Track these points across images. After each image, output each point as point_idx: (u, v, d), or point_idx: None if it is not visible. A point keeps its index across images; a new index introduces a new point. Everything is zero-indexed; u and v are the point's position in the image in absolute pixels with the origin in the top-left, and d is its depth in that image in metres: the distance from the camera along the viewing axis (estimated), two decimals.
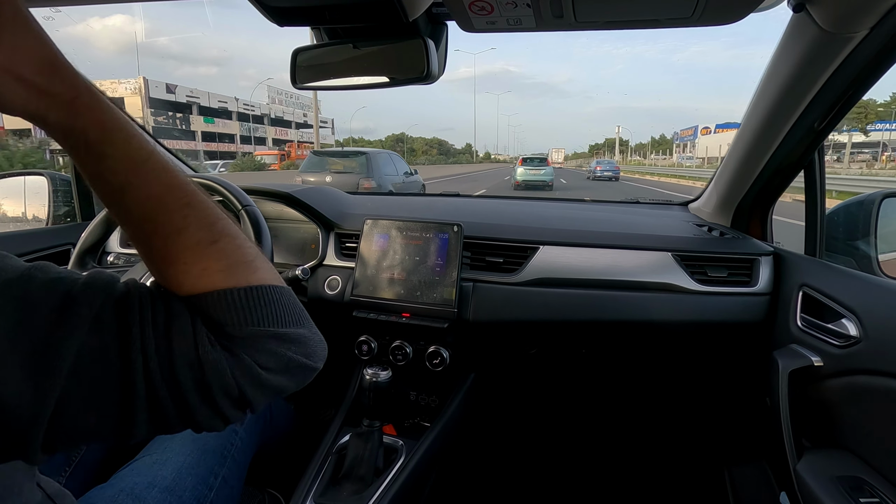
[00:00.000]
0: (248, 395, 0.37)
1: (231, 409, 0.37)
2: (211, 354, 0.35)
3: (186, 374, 0.34)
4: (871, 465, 0.74)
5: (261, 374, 0.37)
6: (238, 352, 0.36)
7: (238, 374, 0.36)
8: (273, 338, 0.38)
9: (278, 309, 0.39)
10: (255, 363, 0.37)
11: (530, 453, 1.48)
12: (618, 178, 24.22)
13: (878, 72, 0.74)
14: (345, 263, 1.14)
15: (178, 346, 0.34)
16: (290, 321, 0.40)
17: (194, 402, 0.34)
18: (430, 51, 0.70)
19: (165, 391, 0.33)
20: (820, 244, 1.00)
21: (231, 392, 0.36)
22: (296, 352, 0.39)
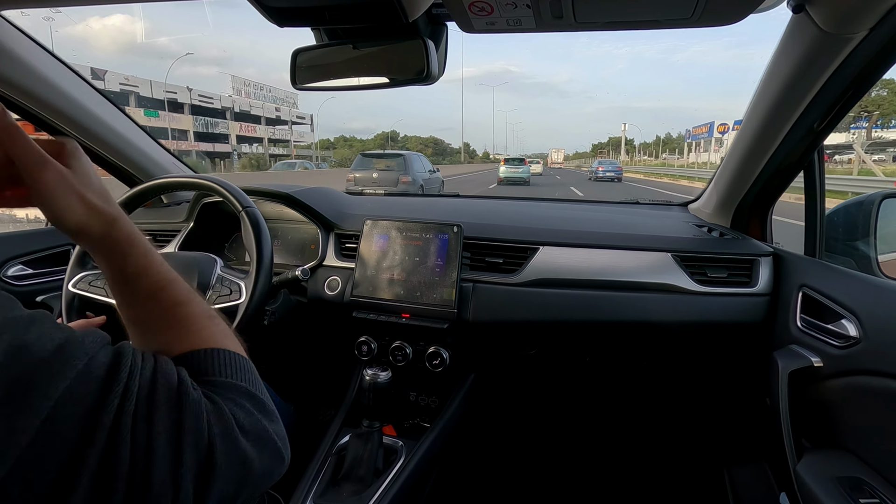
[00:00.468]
0: (217, 454, 0.34)
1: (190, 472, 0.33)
2: (192, 394, 0.35)
3: (163, 410, 0.33)
4: (870, 466, 0.74)
5: (235, 430, 0.36)
6: (216, 399, 0.37)
7: (213, 420, 0.35)
8: (250, 398, 0.40)
9: (256, 379, 0.43)
10: (233, 416, 0.37)
11: (530, 454, 1.48)
12: (620, 178, 23.47)
13: (878, 72, 0.74)
14: (344, 264, 1.14)
15: (161, 385, 0.34)
16: (264, 393, 0.43)
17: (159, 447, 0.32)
18: (430, 51, 0.70)
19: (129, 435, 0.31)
20: (819, 245, 1.00)
21: (201, 440, 0.34)
22: (272, 428, 0.41)
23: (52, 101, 1.06)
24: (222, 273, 0.94)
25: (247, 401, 0.40)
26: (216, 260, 0.97)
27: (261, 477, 0.40)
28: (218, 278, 0.93)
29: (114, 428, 0.31)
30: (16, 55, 0.96)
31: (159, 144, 1.42)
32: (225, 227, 1.27)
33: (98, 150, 1.22)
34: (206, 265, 0.94)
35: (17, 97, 1.02)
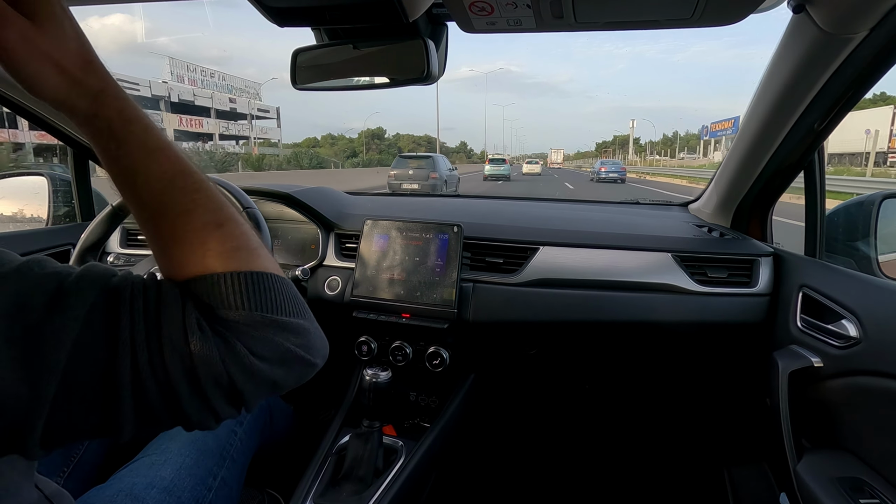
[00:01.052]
0: (240, 385, 0.35)
1: (222, 403, 0.35)
2: (200, 340, 0.34)
3: (175, 362, 0.33)
4: (870, 466, 0.74)
5: (254, 364, 0.35)
6: (231, 338, 0.35)
7: (229, 363, 0.34)
8: (270, 325, 0.37)
9: (278, 297, 0.38)
10: (249, 351, 0.35)
11: (530, 454, 1.48)
12: (624, 179, 22.67)
13: (878, 73, 0.74)
14: (345, 264, 1.14)
15: (168, 333, 0.33)
16: (289, 311, 0.39)
17: (183, 393, 0.33)
18: (431, 51, 0.70)
19: (153, 381, 0.33)
20: (820, 245, 1.00)
21: (221, 381, 0.34)
22: (294, 343, 0.38)
23: None
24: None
25: (265, 329, 0.37)
26: None
27: (295, 382, 0.40)
28: None
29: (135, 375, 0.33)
30: None
31: None
32: None
33: None
34: None
35: (18, 97, 1.02)
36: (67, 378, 0.31)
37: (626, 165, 31.21)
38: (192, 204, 0.37)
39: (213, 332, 0.35)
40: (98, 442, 0.88)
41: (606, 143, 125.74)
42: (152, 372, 0.33)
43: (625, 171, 24.14)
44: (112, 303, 0.33)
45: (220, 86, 38.01)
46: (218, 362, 0.34)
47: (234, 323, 0.36)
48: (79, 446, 0.84)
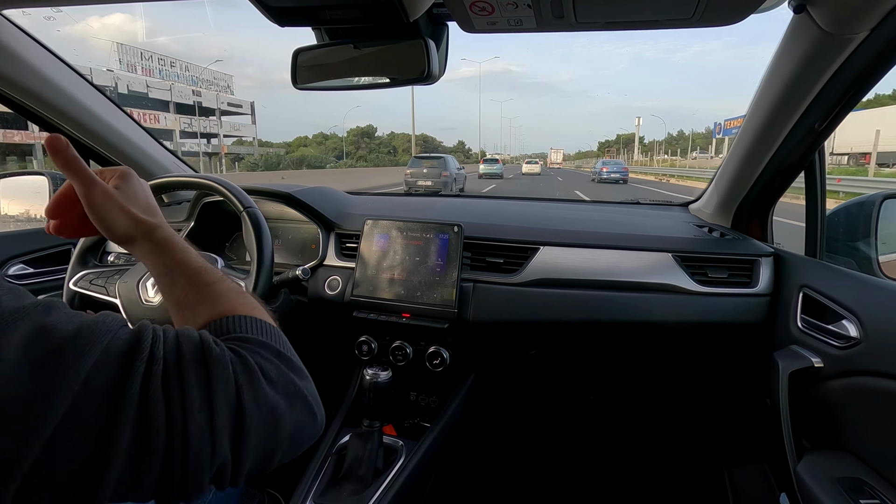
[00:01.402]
0: (244, 398, 0.35)
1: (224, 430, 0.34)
2: (215, 350, 0.36)
3: (191, 367, 0.34)
4: (871, 467, 0.74)
5: (261, 380, 0.37)
6: (242, 352, 0.38)
7: (239, 370, 0.36)
8: (278, 356, 0.41)
9: (284, 342, 0.45)
10: (260, 369, 0.37)
11: (530, 454, 1.48)
12: (626, 180, 21.83)
13: (879, 73, 0.74)
14: (345, 264, 1.14)
15: (186, 347, 0.35)
16: (293, 354, 0.44)
17: (192, 404, 0.33)
18: (431, 51, 0.70)
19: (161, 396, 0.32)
20: (820, 245, 1.00)
21: (229, 391, 0.34)
22: (301, 384, 0.41)
23: (53, 100, 1.06)
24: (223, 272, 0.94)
25: (274, 356, 0.40)
26: (217, 259, 0.97)
27: (293, 433, 0.39)
28: None
29: (143, 394, 0.31)
30: (17, 54, 0.96)
31: (160, 143, 1.42)
32: (226, 226, 1.27)
33: (98, 148, 1.22)
34: None
35: (19, 96, 1.02)
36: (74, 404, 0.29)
37: (632, 165, 30.62)
38: (221, 278, 0.49)
39: (228, 347, 0.38)
40: None
41: (609, 142, 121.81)
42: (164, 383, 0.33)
43: (627, 171, 23.45)
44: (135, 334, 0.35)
45: (183, 77, 33.23)
46: (229, 367, 0.35)
47: (246, 343, 0.40)
48: None
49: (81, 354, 0.30)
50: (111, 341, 0.32)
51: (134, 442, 0.30)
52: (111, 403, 0.30)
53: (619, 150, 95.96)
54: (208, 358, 0.35)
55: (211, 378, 0.34)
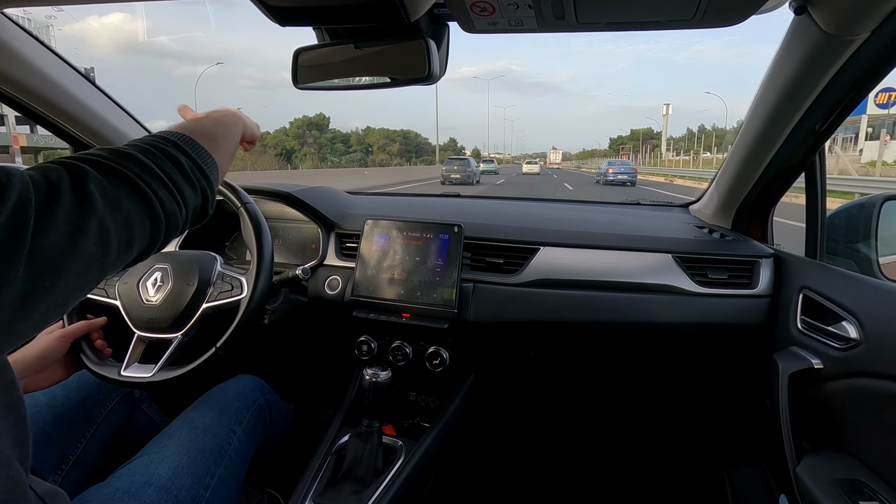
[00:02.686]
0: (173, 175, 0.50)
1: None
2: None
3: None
4: (871, 468, 0.74)
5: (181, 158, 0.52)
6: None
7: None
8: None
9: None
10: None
11: (530, 454, 1.48)
12: (634, 182, 19.56)
13: (880, 74, 0.74)
14: (345, 263, 1.14)
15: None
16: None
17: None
18: (432, 51, 0.70)
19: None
20: (820, 246, 1.00)
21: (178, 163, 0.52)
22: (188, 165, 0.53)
23: (53, 98, 1.06)
24: (223, 270, 0.94)
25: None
26: (216, 258, 0.97)
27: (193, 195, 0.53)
28: (219, 275, 0.93)
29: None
30: (17, 53, 0.96)
31: None
32: (225, 226, 1.27)
33: None
34: (206, 263, 0.95)
35: (19, 95, 1.02)
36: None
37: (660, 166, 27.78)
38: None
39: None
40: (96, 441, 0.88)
41: (623, 138, 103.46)
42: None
43: (635, 171, 20.96)
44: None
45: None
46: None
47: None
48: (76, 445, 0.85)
49: None
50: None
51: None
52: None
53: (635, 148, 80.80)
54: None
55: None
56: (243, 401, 0.91)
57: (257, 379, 1.00)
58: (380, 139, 71.90)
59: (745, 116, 0.99)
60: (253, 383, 0.98)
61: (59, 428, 0.83)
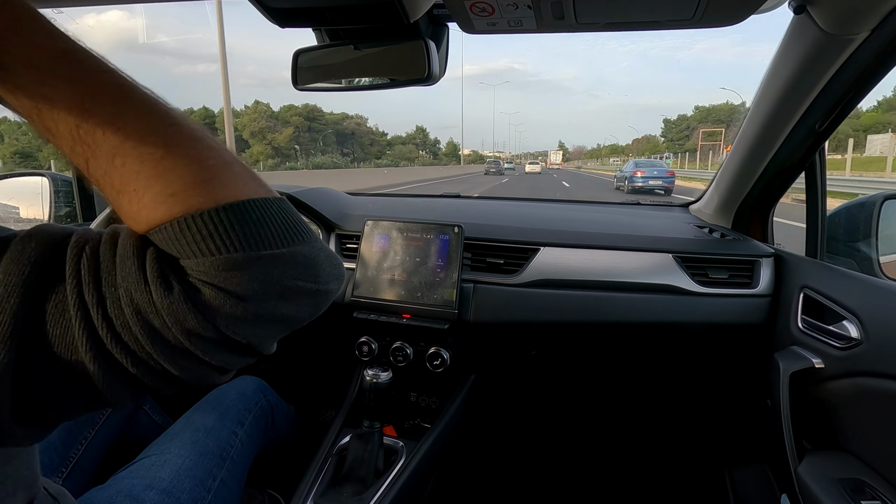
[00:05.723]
0: (234, 333, 0.31)
1: (222, 354, 0.31)
2: (166, 295, 0.28)
3: (136, 321, 0.28)
4: (872, 468, 0.74)
5: (244, 307, 0.30)
6: (206, 286, 0.30)
7: (209, 313, 0.30)
8: (255, 262, 0.30)
9: (263, 227, 0.31)
10: (235, 296, 0.30)
11: (531, 454, 1.48)
12: (671, 189, 14.14)
13: (879, 74, 0.74)
14: (345, 264, 1.14)
15: (126, 292, 0.28)
16: (280, 239, 0.32)
17: (159, 354, 0.29)
18: (431, 52, 0.70)
19: (116, 346, 0.28)
20: (821, 246, 1.00)
21: (206, 333, 0.30)
22: (292, 276, 0.32)
23: None
24: None
25: (251, 269, 0.30)
26: None
27: (309, 315, 0.36)
28: None
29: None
30: None
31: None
32: None
33: None
34: None
35: None
36: (23, 348, 0.27)
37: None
38: (121, 136, 0.29)
39: (183, 283, 0.29)
40: (97, 442, 0.88)
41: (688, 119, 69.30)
42: (112, 336, 0.28)
43: (673, 175, 15.22)
44: (54, 265, 0.28)
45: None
46: (192, 314, 0.29)
47: (209, 270, 0.29)
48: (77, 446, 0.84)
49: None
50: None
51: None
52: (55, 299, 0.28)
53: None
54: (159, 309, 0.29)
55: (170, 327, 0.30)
56: (245, 402, 0.91)
57: (259, 380, 1.00)
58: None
59: (746, 116, 0.99)
60: (255, 384, 0.98)
61: (61, 429, 0.83)
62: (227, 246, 0.30)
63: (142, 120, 0.30)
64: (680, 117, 75.55)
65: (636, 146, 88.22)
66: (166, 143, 0.30)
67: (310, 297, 0.35)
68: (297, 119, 51.83)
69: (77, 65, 0.29)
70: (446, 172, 33.70)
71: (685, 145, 57.94)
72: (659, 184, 14.28)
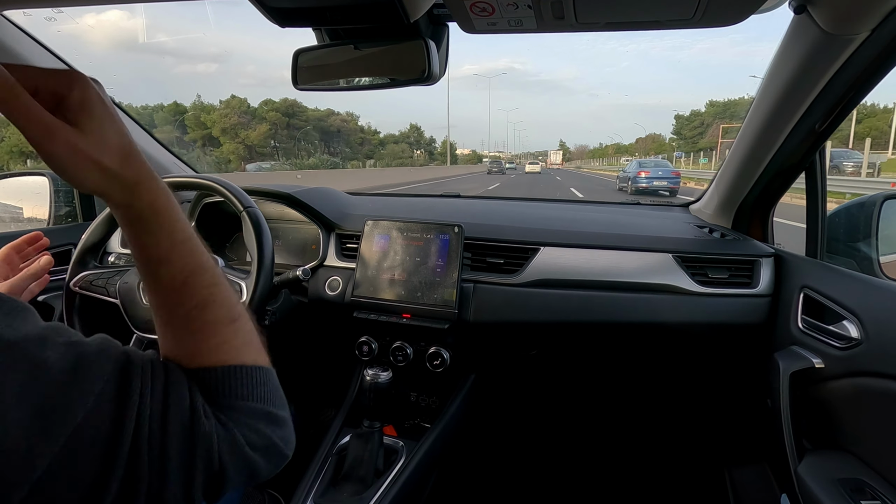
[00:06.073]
0: (228, 472, 0.36)
1: (200, 489, 0.35)
2: (204, 425, 0.35)
3: (176, 444, 0.34)
4: (872, 468, 0.74)
5: (247, 453, 0.37)
6: (230, 426, 0.37)
7: (224, 449, 0.36)
8: (264, 417, 0.40)
9: (271, 390, 0.42)
10: (245, 440, 0.37)
11: (531, 454, 1.48)
12: (676, 190, 13.31)
13: (880, 73, 0.74)
14: (345, 264, 1.14)
15: (175, 414, 0.34)
16: (278, 403, 0.42)
17: (172, 472, 0.33)
18: (431, 52, 0.70)
19: (146, 457, 0.32)
20: (821, 246, 1.00)
21: (212, 466, 0.35)
22: (278, 435, 0.41)
23: None
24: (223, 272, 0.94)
25: (260, 420, 0.39)
26: (217, 259, 0.97)
27: (268, 474, 0.41)
28: None
29: (132, 452, 0.32)
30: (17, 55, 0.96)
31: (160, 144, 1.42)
32: (226, 227, 1.27)
33: None
34: None
35: None
36: (66, 449, 0.29)
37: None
38: (210, 298, 0.40)
39: (216, 418, 0.36)
40: None
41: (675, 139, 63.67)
42: (149, 448, 0.32)
43: (678, 176, 14.26)
44: (125, 380, 0.33)
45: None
46: (215, 447, 0.35)
47: (237, 412, 0.38)
48: None
49: (71, 404, 0.30)
50: (104, 388, 0.32)
51: (119, 497, 0.31)
52: (99, 457, 0.31)
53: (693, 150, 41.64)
54: (196, 435, 0.34)
55: (195, 453, 0.34)
56: None
57: None
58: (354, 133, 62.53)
59: (746, 116, 0.99)
60: None
61: None
62: (254, 397, 0.39)
63: (226, 293, 0.42)
64: (693, 113, 71.03)
65: (641, 145, 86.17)
66: (238, 312, 0.42)
67: (278, 460, 0.41)
68: (274, 115, 49.14)
69: (197, 246, 0.41)
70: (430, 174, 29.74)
71: (699, 143, 54.54)
72: (664, 184, 13.65)
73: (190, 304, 0.39)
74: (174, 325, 0.40)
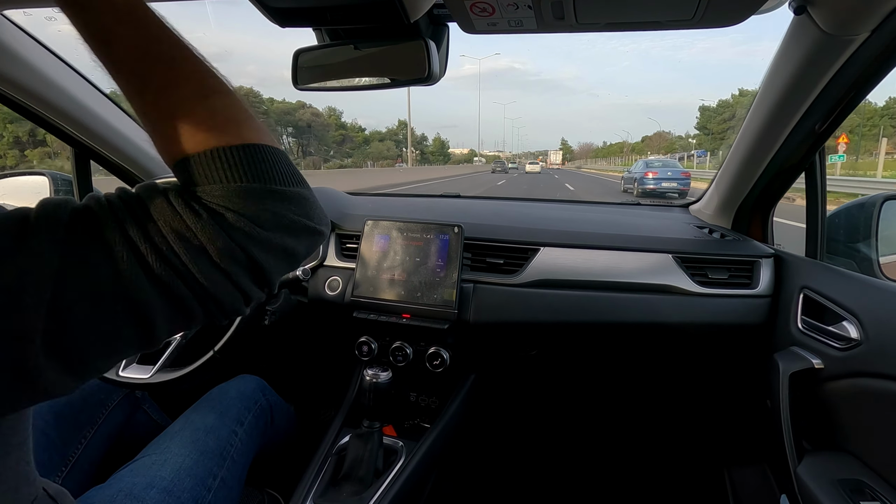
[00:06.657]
0: (256, 256, 0.36)
1: (246, 280, 0.36)
2: (197, 222, 0.34)
3: (179, 244, 0.33)
4: (871, 468, 0.74)
5: (260, 232, 0.36)
6: (229, 213, 0.35)
7: (236, 236, 0.35)
8: (268, 195, 0.37)
9: (273, 167, 0.38)
10: (252, 221, 0.35)
11: (531, 454, 1.48)
12: (686, 192, 12.23)
13: (880, 74, 0.74)
14: (345, 264, 1.14)
15: (164, 225, 0.33)
16: (286, 180, 0.38)
17: (199, 272, 0.34)
18: (432, 52, 0.70)
19: (172, 276, 0.33)
20: (821, 246, 1.00)
21: (236, 255, 0.35)
22: (295, 212, 0.38)
23: (53, 100, 1.06)
24: None
25: (264, 199, 0.36)
26: None
27: (306, 251, 0.41)
28: None
29: (158, 286, 0.33)
30: (17, 55, 0.96)
31: None
32: None
33: (99, 148, 1.22)
34: None
35: (20, 97, 1.02)
36: (60, 305, 0.30)
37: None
38: (173, 75, 0.35)
39: (208, 210, 0.34)
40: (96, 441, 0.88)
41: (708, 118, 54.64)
42: (161, 261, 0.32)
43: (688, 176, 13.10)
44: (89, 222, 0.32)
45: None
46: (224, 237, 0.34)
47: (229, 196, 0.35)
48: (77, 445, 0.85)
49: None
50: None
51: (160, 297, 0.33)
52: (98, 255, 0.32)
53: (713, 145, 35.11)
54: (195, 237, 0.34)
55: (208, 254, 0.34)
56: (245, 401, 0.91)
57: (259, 379, 1.00)
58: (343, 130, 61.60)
59: (746, 116, 0.99)
60: (254, 383, 0.98)
61: (60, 428, 0.83)
62: (248, 177, 0.36)
63: (193, 66, 0.37)
64: (721, 104, 58.84)
65: (647, 144, 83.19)
66: (212, 87, 0.37)
67: (308, 234, 0.40)
68: None
69: (148, 16, 0.36)
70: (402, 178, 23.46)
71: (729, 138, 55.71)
72: (673, 186, 12.44)
73: (152, 85, 0.35)
74: (147, 116, 0.36)
